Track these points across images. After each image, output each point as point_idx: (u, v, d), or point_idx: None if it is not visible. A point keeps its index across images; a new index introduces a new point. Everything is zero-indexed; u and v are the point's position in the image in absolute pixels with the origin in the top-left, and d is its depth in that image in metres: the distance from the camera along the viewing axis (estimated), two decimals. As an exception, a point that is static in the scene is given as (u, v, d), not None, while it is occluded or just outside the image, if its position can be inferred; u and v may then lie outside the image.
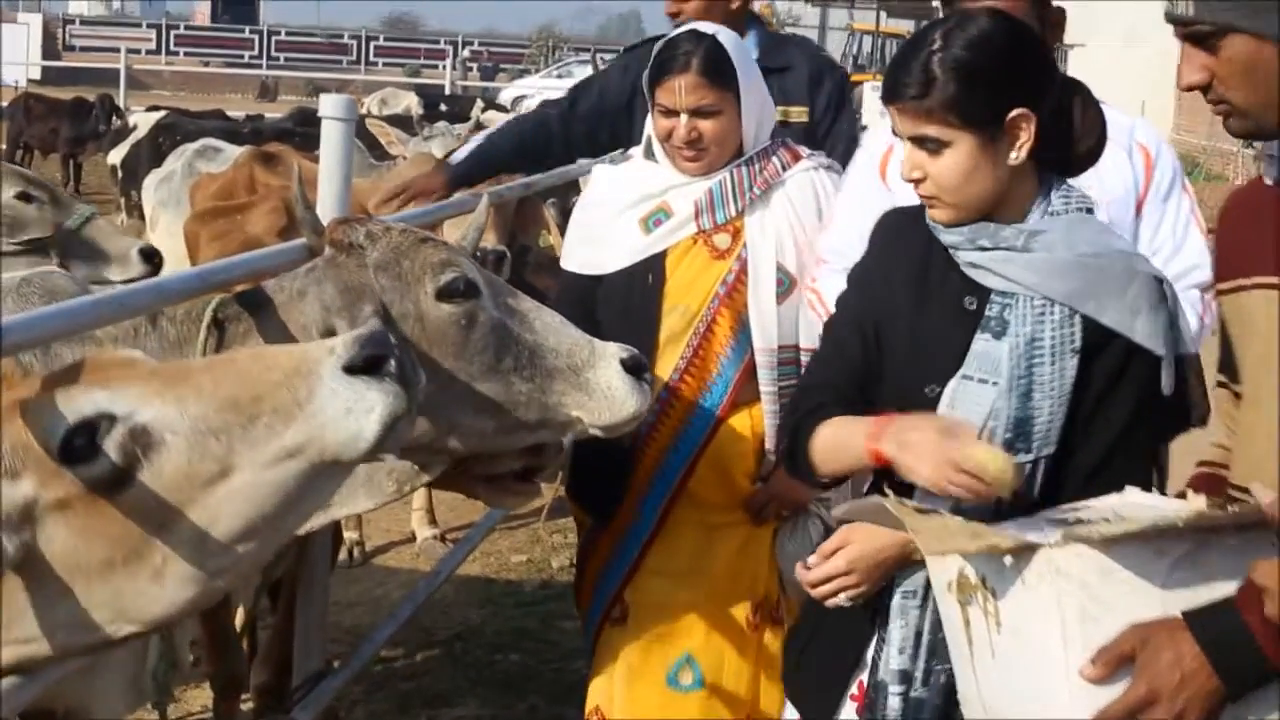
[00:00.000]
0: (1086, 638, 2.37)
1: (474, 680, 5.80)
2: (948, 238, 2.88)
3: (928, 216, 2.90)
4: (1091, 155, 2.90)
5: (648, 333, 3.84)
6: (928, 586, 2.78)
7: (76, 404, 2.22)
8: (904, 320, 2.93)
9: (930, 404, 2.82)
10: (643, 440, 3.90)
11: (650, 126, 3.96)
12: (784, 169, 3.94)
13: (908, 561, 2.85)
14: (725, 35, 3.92)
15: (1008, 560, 2.43)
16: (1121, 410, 2.76)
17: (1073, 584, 2.36)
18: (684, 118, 3.82)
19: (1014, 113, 2.76)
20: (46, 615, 2.26)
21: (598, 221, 4.04)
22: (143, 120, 12.77)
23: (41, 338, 2.70)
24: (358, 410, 2.21)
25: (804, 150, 4.05)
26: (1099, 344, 2.76)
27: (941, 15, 3.14)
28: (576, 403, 3.31)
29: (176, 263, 7.67)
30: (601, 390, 3.31)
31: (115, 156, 13.87)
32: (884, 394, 2.92)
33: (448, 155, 5.17)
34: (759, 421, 3.91)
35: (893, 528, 2.74)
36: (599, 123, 5.16)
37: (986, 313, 2.82)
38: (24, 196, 5.08)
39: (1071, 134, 2.86)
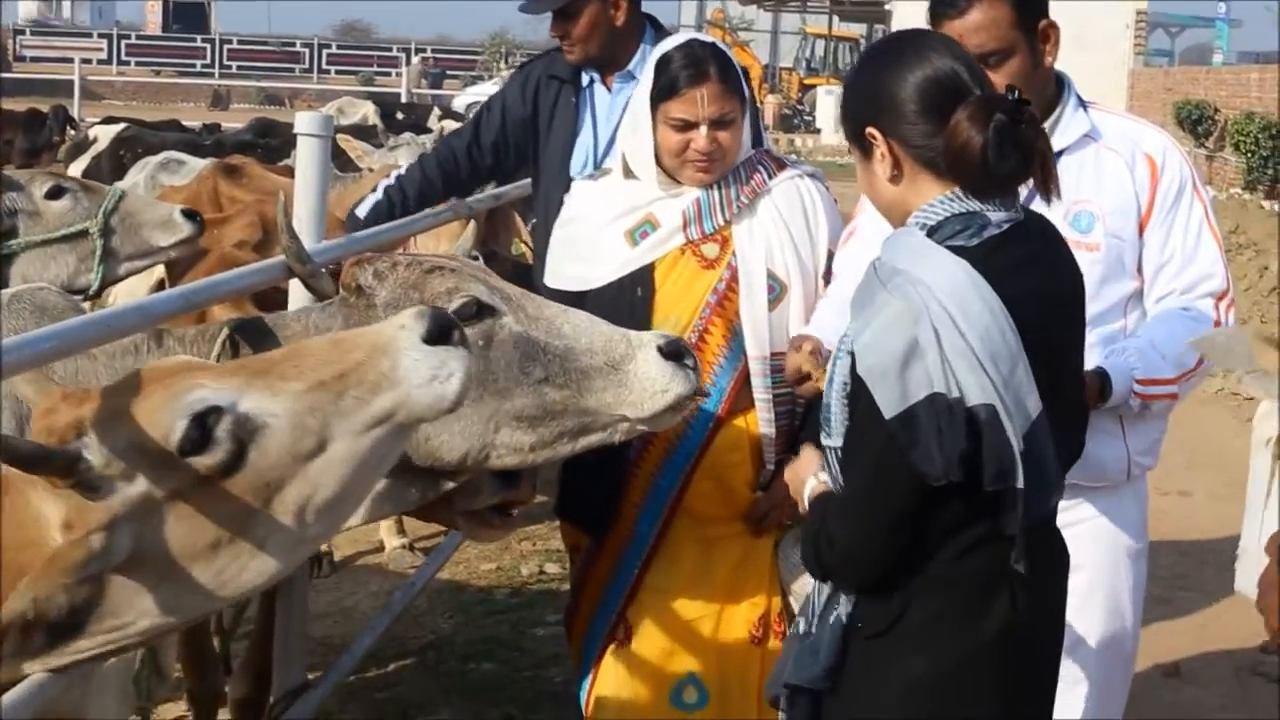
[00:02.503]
0: None
1: (447, 689, 5.82)
2: None
3: None
4: (1013, 177, 2.88)
5: None
6: None
7: (184, 402, 2.44)
8: None
9: None
10: (637, 454, 3.90)
11: (629, 147, 3.95)
12: (770, 178, 3.94)
13: None
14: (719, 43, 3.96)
15: None
16: (853, 417, 2.82)
17: None
18: (704, 129, 3.81)
19: (866, 130, 2.93)
20: (149, 599, 2.48)
21: (581, 236, 4.02)
22: (102, 132, 12.69)
23: (36, 359, 2.73)
24: (441, 374, 2.46)
25: (789, 159, 4.09)
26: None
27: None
28: (617, 399, 3.30)
29: (143, 274, 7.70)
30: (639, 381, 3.29)
31: (76, 169, 13.78)
32: None
33: (355, 205, 5.22)
34: (754, 429, 3.90)
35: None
36: (505, 149, 5.27)
37: None
38: (55, 192, 5.08)
39: (950, 150, 2.84)
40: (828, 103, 40.89)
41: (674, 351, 3.32)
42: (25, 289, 3.77)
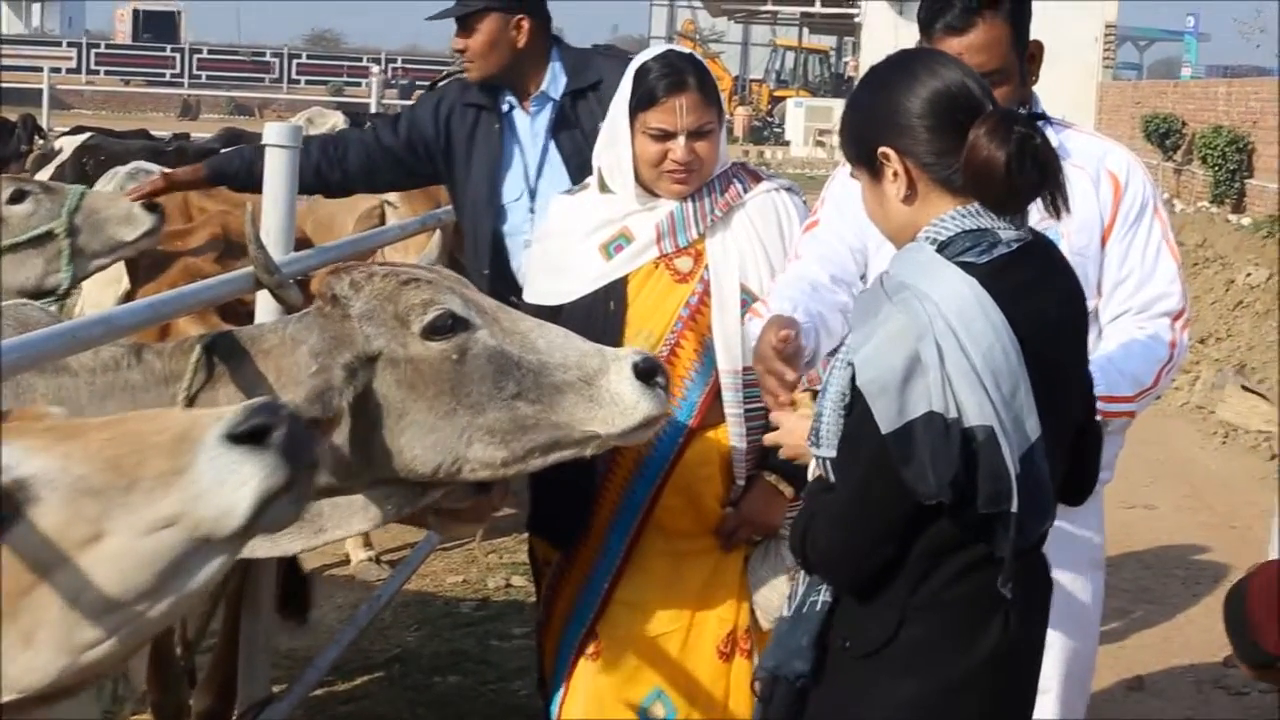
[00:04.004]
0: None
1: (413, 702, 5.81)
2: None
3: None
4: (1033, 192, 2.88)
5: None
6: None
7: None
8: None
9: None
10: (607, 468, 3.88)
11: (606, 160, 3.94)
12: (744, 191, 3.93)
13: None
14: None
15: None
16: (847, 427, 2.81)
17: None
18: (682, 139, 3.80)
19: (880, 150, 2.90)
20: None
21: (556, 251, 4.02)
22: (67, 143, 12.67)
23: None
24: (231, 483, 2.09)
25: (763, 173, 4.10)
26: None
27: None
28: (589, 415, 3.30)
29: (109, 285, 7.67)
30: (611, 399, 3.29)
31: (41, 178, 13.73)
32: None
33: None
34: (725, 444, 3.89)
35: None
36: (402, 158, 5.22)
37: None
38: (17, 196, 5.10)
39: (971, 166, 2.84)
40: (797, 115, 41.04)
41: (647, 370, 3.34)
42: (9, 305, 3.77)
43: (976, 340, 2.69)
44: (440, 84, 5.53)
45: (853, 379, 2.75)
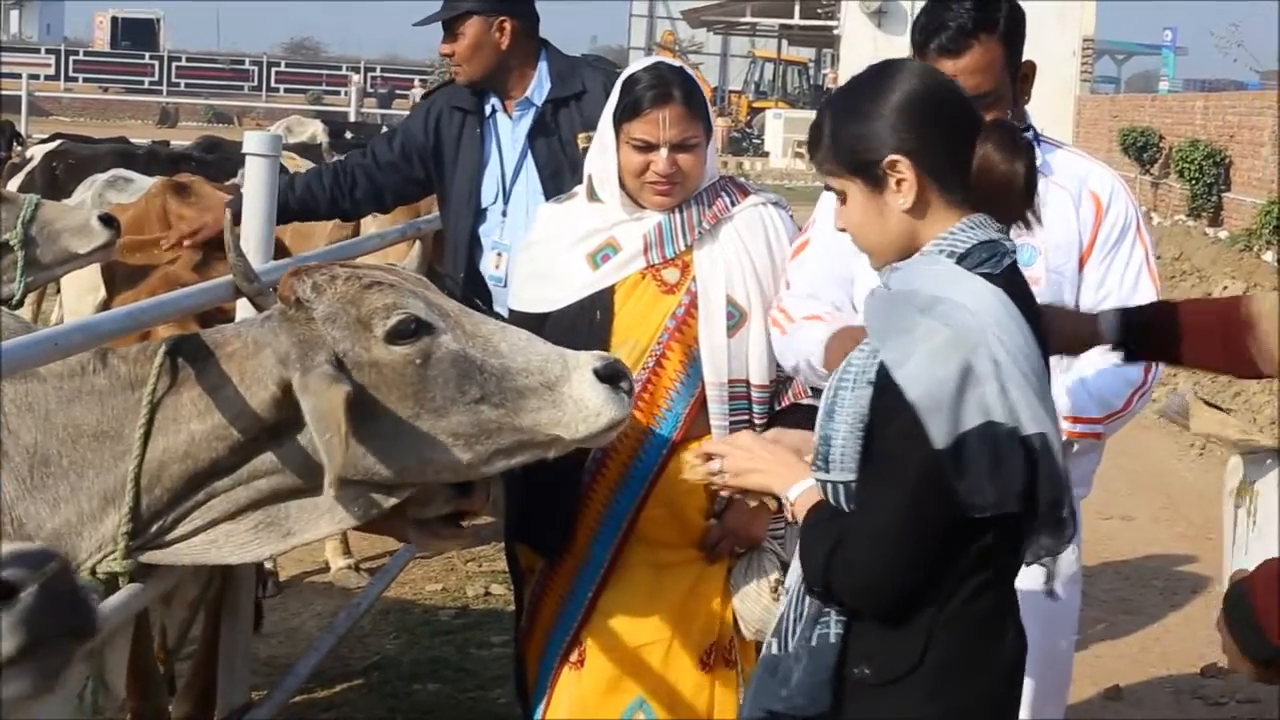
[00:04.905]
0: None
1: (392, 710, 5.81)
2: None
3: None
4: (1020, 196, 2.86)
5: None
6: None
7: None
8: None
9: None
10: (591, 477, 3.88)
11: (595, 169, 3.95)
12: (732, 204, 3.93)
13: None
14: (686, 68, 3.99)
15: (1270, 464, 2.96)
16: (882, 444, 2.71)
17: None
18: (664, 151, 3.80)
19: (887, 159, 2.81)
20: None
21: (543, 258, 4.01)
22: (38, 151, 12.66)
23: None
24: None
25: (751, 186, 4.10)
26: (889, 381, 2.70)
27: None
28: (551, 419, 3.28)
29: (87, 293, 7.68)
30: (574, 403, 3.28)
31: (12, 187, 13.73)
32: None
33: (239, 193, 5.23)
34: None
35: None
36: (405, 169, 5.33)
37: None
38: None
39: (982, 176, 2.82)
40: (776, 126, 41.09)
41: (610, 374, 3.31)
42: None
43: (1019, 348, 2.68)
44: (433, 92, 5.58)
45: (874, 399, 2.69)
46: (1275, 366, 3.08)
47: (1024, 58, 3.77)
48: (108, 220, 5.26)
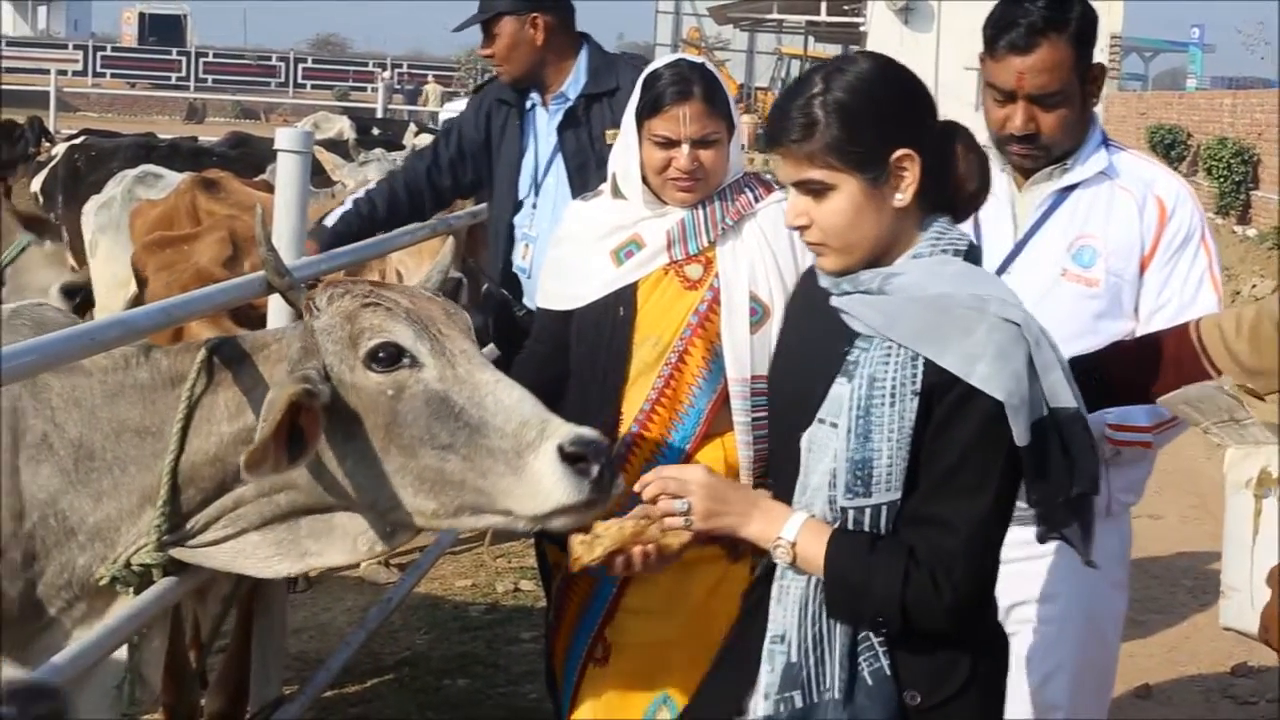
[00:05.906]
0: None
1: (422, 705, 5.83)
2: (823, 282, 2.86)
3: (815, 264, 2.89)
4: (976, 198, 2.85)
5: (619, 365, 3.83)
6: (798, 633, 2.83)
7: None
8: (794, 368, 2.99)
9: (798, 452, 2.83)
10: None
11: (619, 165, 3.95)
12: (756, 201, 3.92)
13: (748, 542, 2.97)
14: (709, 64, 3.99)
15: None
16: (949, 453, 2.65)
17: None
18: (686, 147, 3.79)
19: (897, 154, 2.73)
20: None
21: (569, 256, 4.01)
22: (62, 148, 12.72)
23: (18, 373, 2.77)
24: None
25: (776, 182, 4.10)
26: (943, 387, 2.65)
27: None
28: (506, 490, 3.11)
29: (118, 288, 7.71)
30: (530, 477, 3.08)
31: (35, 183, 13.78)
32: (771, 443, 3.24)
33: (322, 217, 5.26)
34: (732, 453, 3.86)
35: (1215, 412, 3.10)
36: (462, 169, 5.41)
37: (848, 357, 2.77)
38: None
39: (955, 176, 2.82)
40: (803, 123, 40.96)
41: (575, 455, 3.10)
42: (25, 305, 3.79)
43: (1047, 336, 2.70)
44: (483, 87, 5.70)
45: (926, 409, 2.64)
46: (1244, 376, 3.06)
47: (1103, 65, 3.73)
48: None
